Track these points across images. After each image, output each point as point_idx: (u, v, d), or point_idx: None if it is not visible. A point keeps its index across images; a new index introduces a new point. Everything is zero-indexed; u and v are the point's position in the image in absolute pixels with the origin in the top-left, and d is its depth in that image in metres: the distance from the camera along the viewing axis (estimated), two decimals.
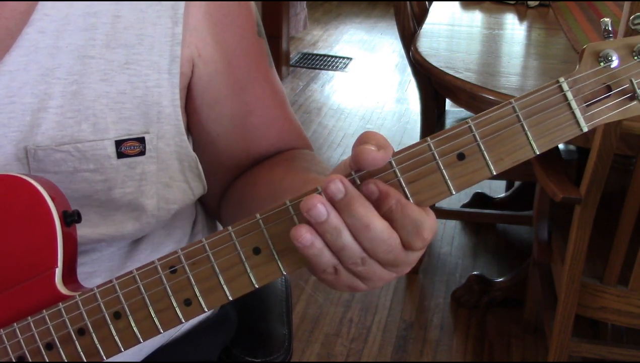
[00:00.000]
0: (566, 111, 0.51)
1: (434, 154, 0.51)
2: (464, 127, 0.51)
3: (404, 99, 3.83)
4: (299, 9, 4.53)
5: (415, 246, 0.51)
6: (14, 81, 0.63)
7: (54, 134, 0.64)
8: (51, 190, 0.60)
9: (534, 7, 2.43)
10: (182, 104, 0.70)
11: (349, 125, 3.47)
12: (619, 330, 1.87)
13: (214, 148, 0.76)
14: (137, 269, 0.56)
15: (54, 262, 0.59)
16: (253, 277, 0.54)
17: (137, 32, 0.66)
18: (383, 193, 0.50)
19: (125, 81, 0.66)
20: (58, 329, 0.58)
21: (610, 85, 0.51)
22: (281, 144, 0.79)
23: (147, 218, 0.70)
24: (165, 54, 0.67)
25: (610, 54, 0.51)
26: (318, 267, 0.52)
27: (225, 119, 0.74)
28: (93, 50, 0.65)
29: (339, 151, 3.19)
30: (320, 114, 3.60)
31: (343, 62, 4.35)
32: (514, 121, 0.51)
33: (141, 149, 0.67)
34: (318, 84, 4.01)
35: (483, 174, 0.51)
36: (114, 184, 0.67)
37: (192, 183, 0.74)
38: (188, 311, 0.55)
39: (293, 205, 0.53)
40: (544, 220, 1.76)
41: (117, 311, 0.56)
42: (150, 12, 0.67)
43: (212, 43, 0.70)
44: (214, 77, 0.71)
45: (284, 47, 3.98)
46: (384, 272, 0.53)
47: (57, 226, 0.58)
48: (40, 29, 0.64)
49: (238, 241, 0.54)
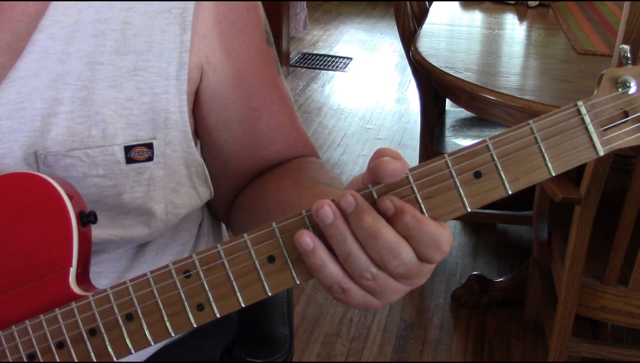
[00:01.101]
0: (583, 134, 0.51)
1: (452, 171, 0.51)
2: (481, 146, 0.51)
3: (404, 99, 3.83)
4: (299, 9, 4.53)
5: (434, 260, 0.51)
6: (25, 87, 0.64)
7: (64, 140, 0.65)
8: (69, 190, 0.60)
9: (534, 7, 2.43)
10: (190, 110, 0.71)
11: (349, 125, 3.47)
12: (619, 330, 1.87)
13: (222, 153, 0.77)
14: (151, 272, 0.56)
15: (69, 261, 0.59)
16: (267, 285, 0.54)
17: (146, 39, 0.67)
18: (398, 209, 0.50)
19: (133, 87, 0.66)
20: (70, 329, 0.58)
21: (627, 110, 0.52)
22: (289, 151, 0.79)
23: (156, 223, 0.71)
24: (173, 61, 0.67)
25: (629, 80, 0.51)
26: (324, 282, 0.53)
27: (233, 125, 0.75)
28: (102, 56, 0.65)
29: (339, 151, 3.19)
30: (320, 114, 3.60)
31: (343, 62, 4.35)
32: (532, 142, 0.51)
33: (149, 154, 0.68)
34: (318, 84, 4.01)
35: (499, 193, 0.52)
36: (123, 189, 0.67)
37: (199, 189, 0.75)
38: (200, 316, 0.56)
39: (308, 216, 0.53)
40: (544, 220, 1.76)
41: (129, 313, 0.56)
42: (159, 19, 0.67)
43: (221, 50, 0.71)
44: (222, 84, 0.72)
45: (284, 47, 3.98)
46: (397, 285, 0.53)
47: (73, 226, 0.59)
48: (50, 35, 0.64)
49: (253, 249, 0.54)
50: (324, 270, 0.52)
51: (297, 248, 0.53)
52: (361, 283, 0.52)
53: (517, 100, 1.54)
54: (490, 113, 1.62)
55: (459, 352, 1.98)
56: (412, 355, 1.96)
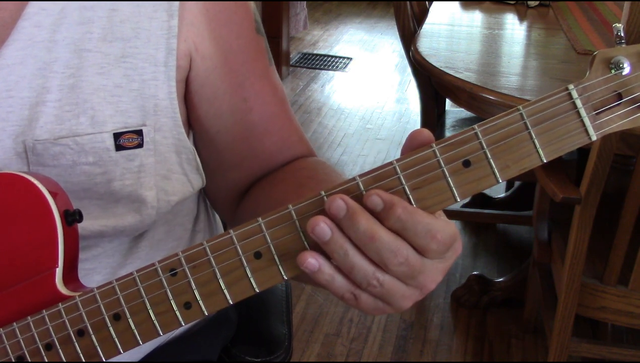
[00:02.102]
0: (575, 119, 0.50)
1: (440, 160, 0.50)
2: (470, 134, 0.50)
3: (404, 99, 3.83)
4: (299, 9, 4.53)
5: (431, 249, 0.50)
6: (11, 75, 0.63)
7: (52, 128, 0.64)
8: (52, 188, 0.59)
9: (534, 7, 2.43)
10: (181, 98, 0.71)
11: (349, 125, 3.46)
12: (619, 330, 1.87)
13: (215, 144, 0.76)
14: (137, 271, 0.55)
15: (54, 261, 0.58)
16: (254, 281, 0.54)
17: (133, 25, 0.66)
18: (388, 203, 0.50)
19: (121, 74, 0.66)
20: (58, 330, 0.57)
21: (620, 93, 0.50)
22: (285, 144, 0.78)
23: (147, 210, 0.70)
24: (161, 47, 0.67)
25: (622, 60, 0.50)
26: (336, 293, 0.52)
27: (224, 116, 0.74)
28: (90, 43, 0.65)
29: (339, 151, 3.19)
30: (320, 114, 3.60)
31: (343, 62, 4.35)
32: (522, 129, 0.50)
33: (139, 141, 0.67)
34: (318, 84, 4.01)
35: (489, 181, 0.50)
36: (113, 177, 0.67)
37: (191, 176, 0.74)
38: (188, 314, 0.55)
39: (295, 210, 0.52)
40: (544, 220, 1.76)
41: (116, 313, 0.56)
42: (146, 5, 0.67)
43: (209, 38, 0.70)
44: (211, 73, 0.71)
45: (284, 47, 3.98)
46: (405, 289, 0.52)
47: (58, 225, 0.58)
48: (36, 22, 0.64)
49: (240, 245, 0.53)
50: (333, 284, 0.52)
51: (283, 244, 0.52)
52: (369, 291, 0.52)
53: (517, 100, 1.54)
54: (490, 113, 1.62)
55: (459, 352, 1.97)
56: (412, 355, 1.96)
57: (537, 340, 2.01)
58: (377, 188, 0.51)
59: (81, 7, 0.65)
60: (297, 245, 0.53)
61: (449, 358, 1.95)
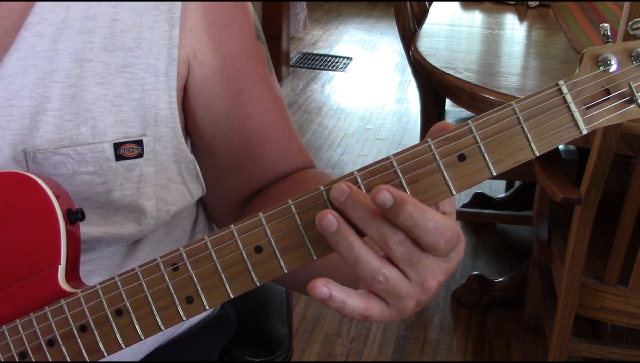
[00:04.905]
0: (565, 113, 0.51)
1: (435, 154, 0.51)
2: (464, 128, 0.51)
3: (404, 99, 3.83)
4: (299, 9, 4.54)
5: (440, 247, 0.50)
6: (12, 84, 0.64)
7: (53, 137, 0.65)
8: (55, 188, 0.60)
9: (534, 7, 2.43)
10: (180, 106, 0.71)
11: (349, 125, 3.47)
12: (619, 330, 1.87)
13: (211, 150, 0.76)
14: (139, 266, 0.56)
15: (57, 259, 0.59)
16: (255, 275, 0.54)
17: (134, 35, 0.66)
18: (398, 200, 0.49)
19: (122, 84, 0.66)
20: (60, 326, 0.58)
21: (609, 88, 0.52)
22: (285, 152, 0.78)
23: (147, 220, 0.70)
24: (162, 57, 0.67)
25: (609, 58, 0.52)
26: (347, 316, 0.52)
27: (221, 122, 0.74)
28: (91, 53, 0.65)
29: (339, 151, 3.19)
30: (320, 114, 3.60)
31: (343, 62, 4.35)
32: (514, 123, 0.51)
33: (139, 151, 0.67)
34: (318, 84, 4.01)
35: (483, 175, 0.52)
36: (112, 186, 0.67)
37: (190, 185, 0.74)
38: (190, 309, 0.56)
39: (295, 204, 0.53)
40: (544, 220, 1.76)
41: (119, 308, 0.56)
42: (147, 15, 0.67)
43: (208, 44, 0.70)
44: (209, 78, 0.71)
45: (284, 47, 3.98)
46: (410, 287, 0.52)
47: (61, 224, 0.59)
48: (38, 32, 0.64)
49: (240, 239, 0.54)
50: (344, 309, 0.52)
51: (284, 238, 0.53)
52: (375, 287, 0.52)
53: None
54: None
55: (459, 352, 1.98)
56: (412, 355, 1.96)
57: (537, 340, 2.01)
58: (375, 181, 0.51)
59: (83, 17, 0.65)
60: (297, 238, 0.53)
61: (449, 358, 1.95)
